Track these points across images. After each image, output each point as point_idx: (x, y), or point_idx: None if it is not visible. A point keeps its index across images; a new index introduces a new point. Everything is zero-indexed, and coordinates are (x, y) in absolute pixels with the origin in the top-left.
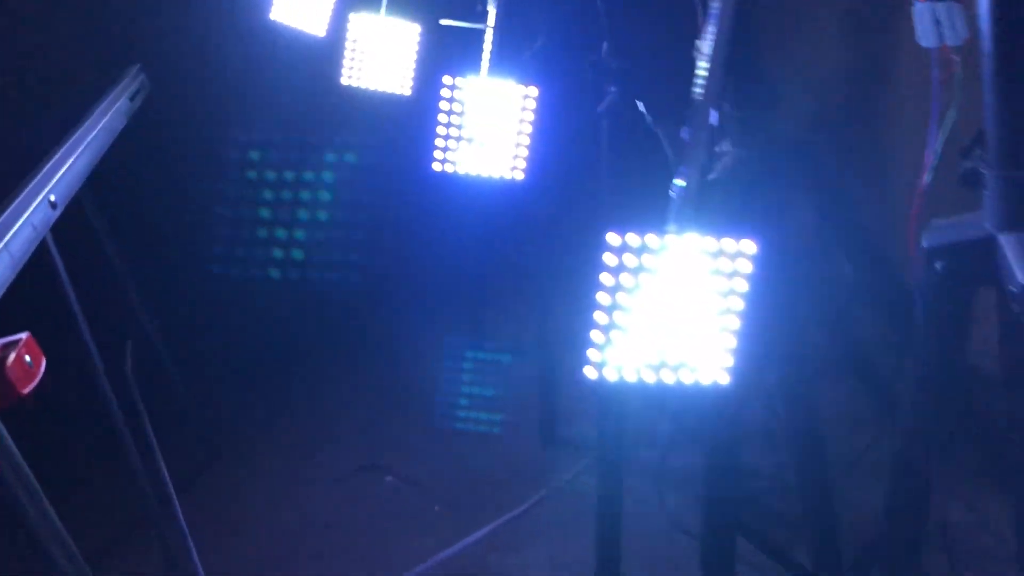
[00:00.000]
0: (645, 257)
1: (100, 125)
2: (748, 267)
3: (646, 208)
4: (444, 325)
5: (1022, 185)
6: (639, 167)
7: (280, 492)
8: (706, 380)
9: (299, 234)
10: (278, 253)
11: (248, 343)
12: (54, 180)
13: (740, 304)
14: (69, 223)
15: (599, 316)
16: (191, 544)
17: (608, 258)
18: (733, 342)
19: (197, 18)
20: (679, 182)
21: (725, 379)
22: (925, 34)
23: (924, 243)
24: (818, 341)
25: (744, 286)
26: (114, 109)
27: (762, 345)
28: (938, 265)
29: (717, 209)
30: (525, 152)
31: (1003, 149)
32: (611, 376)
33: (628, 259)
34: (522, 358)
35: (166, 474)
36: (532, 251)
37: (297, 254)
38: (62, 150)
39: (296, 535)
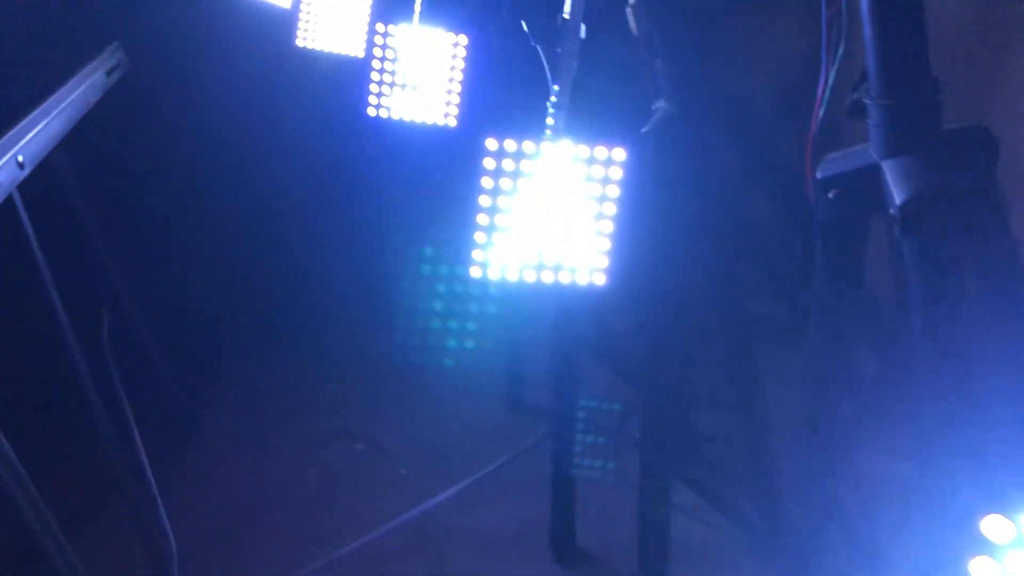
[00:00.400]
0: (523, 162)
1: (73, 96)
2: (619, 173)
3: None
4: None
5: (899, 113)
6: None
7: (253, 459)
8: (583, 281)
9: (272, 204)
10: (250, 223)
11: (224, 314)
12: (22, 142)
13: (613, 209)
14: (44, 194)
15: (481, 218)
16: (162, 511)
17: (487, 162)
18: (608, 245)
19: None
20: (553, 97)
21: (601, 280)
22: None
23: (818, 174)
24: (737, 271)
25: (616, 191)
26: (89, 82)
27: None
28: (831, 194)
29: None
30: (457, 99)
31: (881, 80)
32: (494, 275)
33: (506, 164)
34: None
35: (140, 445)
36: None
37: (269, 224)
38: (31, 115)
39: (268, 499)
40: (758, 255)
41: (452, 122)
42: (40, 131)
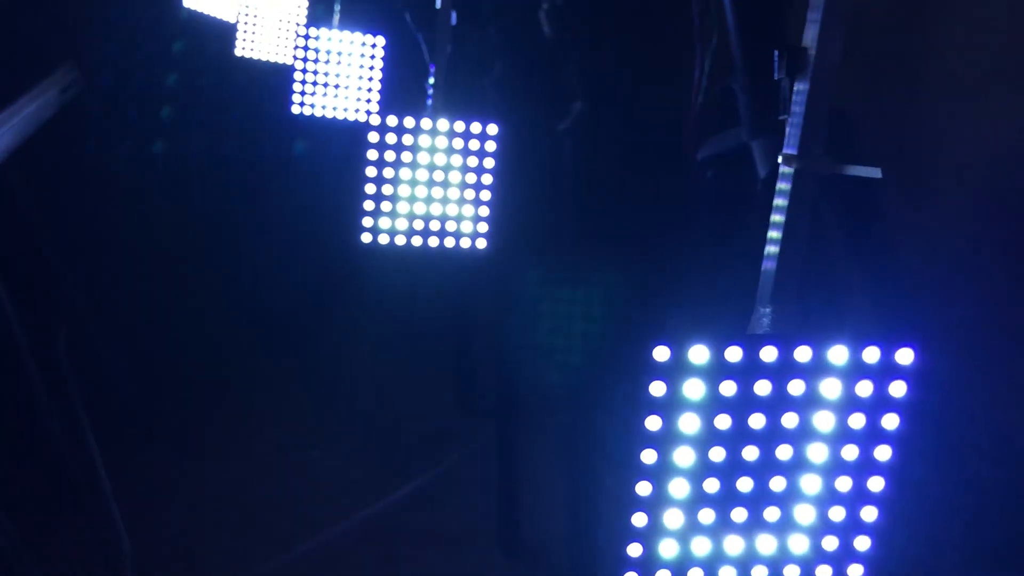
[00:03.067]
0: (405, 136)
1: (25, 112)
2: (493, 147)
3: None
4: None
5: (761, 95)
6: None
7: (207, 466)
8: (466, 245)
9: (219, 210)
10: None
11: (177, 325)
12: None
13: (490, 179)
14: None
15: (368, 187)
16: (117, 514)
17: (371, 136)
18: (487, 212)
19: (125, 12)
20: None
21: (482, 244)
22: None
23: (699, 156)
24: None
25: (492, 163)
26: (43, 99)
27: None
28: (709, 174)
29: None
30: (377, 96)
31: (745, 64)
32: (383, 240)
33: (389, 137)
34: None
35: (95, 449)
36: None
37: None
38: None
39: (223, 505)
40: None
41: (375, 119)
42: None
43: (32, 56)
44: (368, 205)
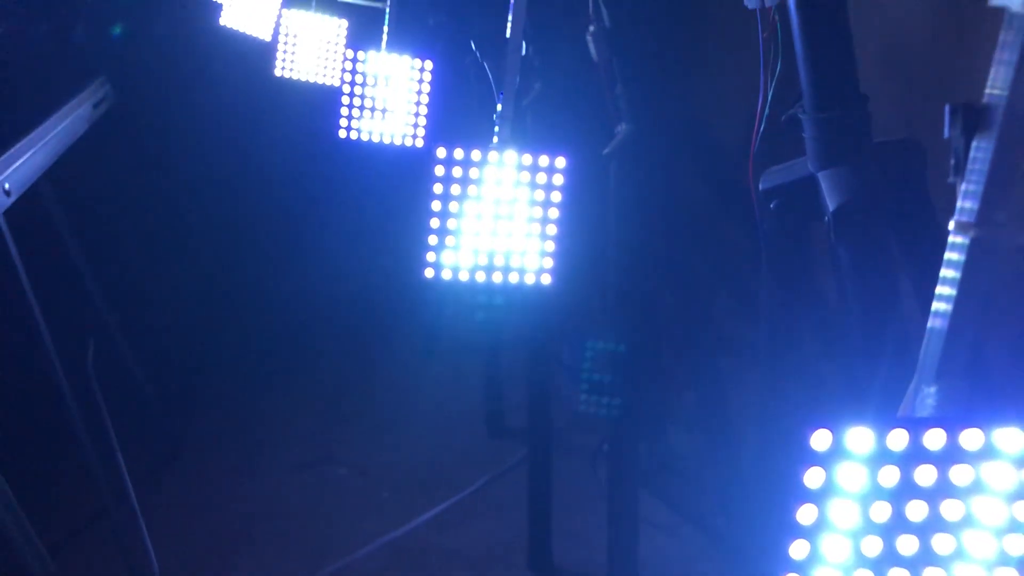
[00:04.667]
0: (471, 169)
1: (59, 128)
2: (560, 180)
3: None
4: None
5: (830, 125)
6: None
7: (236, 484)
8: (530, 281)
9: (255, 231)
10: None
11: (208, 340)
12: (9, 170)
13: (556, 213)
14: (31, 223)
15: (433, 221)
16: (145, 534)
17: (438, 169)
18: (552, 247)
19: (158, 27)
20: (499, 106)
21: (547, 280)
22: None
23: (760, 186)
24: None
25: (559, 197)
26: (75, 114)
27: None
28: (772, 204)
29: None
30: (423, 120)
31: (813, 94)
32: (446, 276)
33: (456, 171)
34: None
35: (124, 470)
36: None
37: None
38: (18, 144)
39: (250, 522)
40: (723, 271)
41: (419, 143)
42: (26, 160)
43: (64, 72)
44: (432, 240)
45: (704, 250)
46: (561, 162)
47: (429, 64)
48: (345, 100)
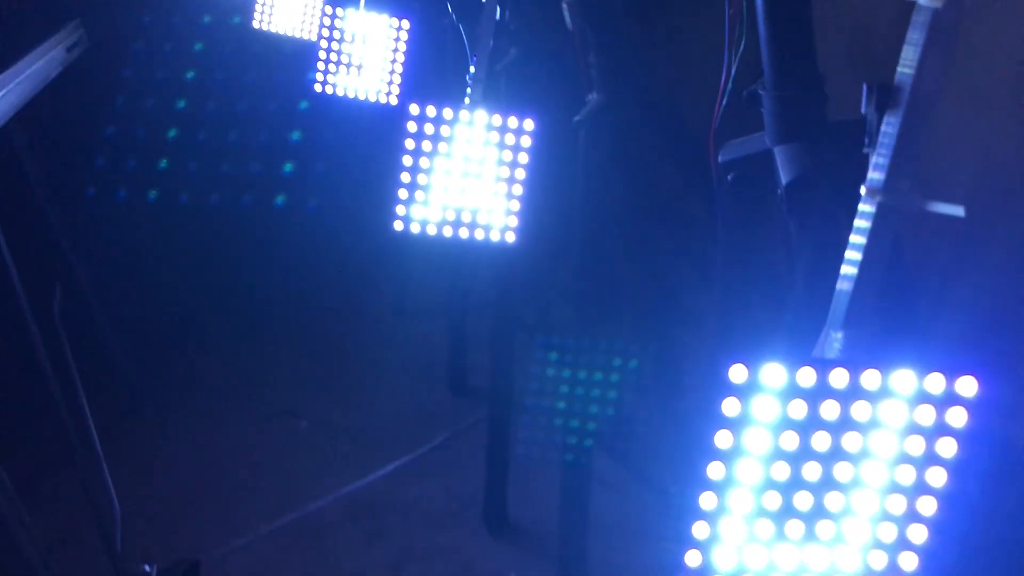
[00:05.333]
0: (442, 127)
1: (31, 70)
2: (528, 141)
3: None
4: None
5: (788, 103)
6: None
7: (198, 435)
8: (495, 238)
9: (226, 181)
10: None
11: (175, 293)
12: None
13: (523, 174)
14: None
15: (404, 176)
16: (108, 479)
17: (410, 125)
18: (518, 206)
19: None
20: (472, 68)
21: (511, 238)
22: None
23: (719, 158)
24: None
25: (525, 158)
26: (48, 56)
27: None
28: (730, 176)
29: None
30: (398, 79)
31: (773, 73)
32: (415, 229)
33: (427, 128)
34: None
35: (88, 413)
36: None
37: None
38: None
39: (212, 472)
40: (683, 242)
41: (393, 100)
42: None
43: (38, 15)
44: (402, 194)
45: (665, 221)
46: (529, 124)
47: (406, 23)
48: (322, 55)
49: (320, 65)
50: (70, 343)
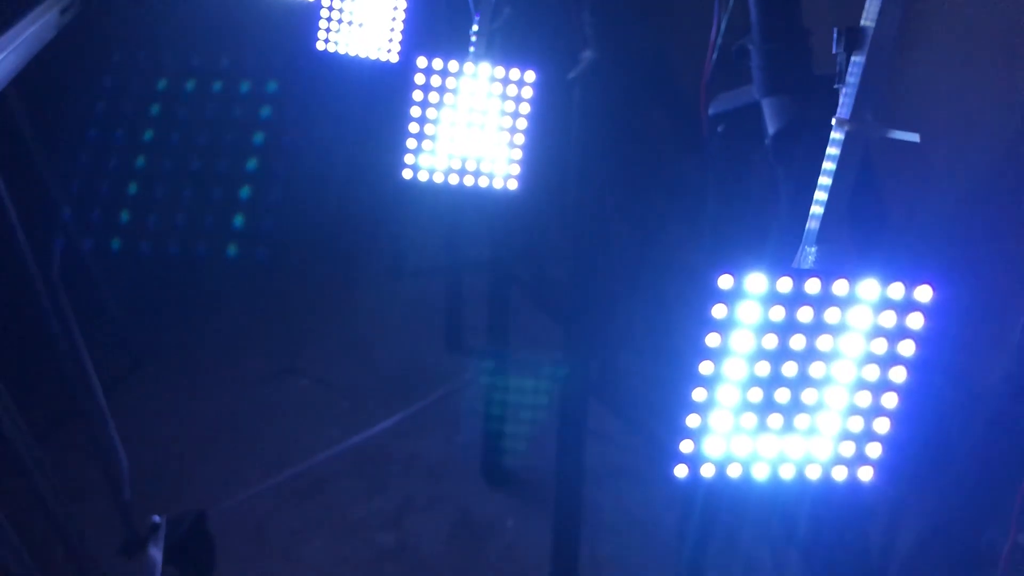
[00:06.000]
0: (448, 79)
1: (27, 33)
2: (530, 92)
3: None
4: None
5: (776, 55)
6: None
7: (200, 393)
8: (498, 186)
9: (222, 143)
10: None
11: (173, 253)
12: None
13: (524, 124)
14: None
15: (412, 126)
16: (114, 432)
17: (418, 78)
18: (520, 155)
19: None
20: (475, 26)
21: (514, 186)
22: None
23: (710, 111)
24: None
25: (527, 108)
26: (43, 19)
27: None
28: (720, 128)
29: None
30: (399, 36)
31: (761, 25)
32: (422, 177)
33: (434, 80)
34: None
35: (93, 372)
36: None
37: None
38: None
39: (215, 428)
40: (675, 198)
41: (394, 57)
42: None
43: None
44: (411, 143)
45: (658, 177)
46: (531, 76)
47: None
48: (324, 13)
49: (322, 23)
50: (71, 303)
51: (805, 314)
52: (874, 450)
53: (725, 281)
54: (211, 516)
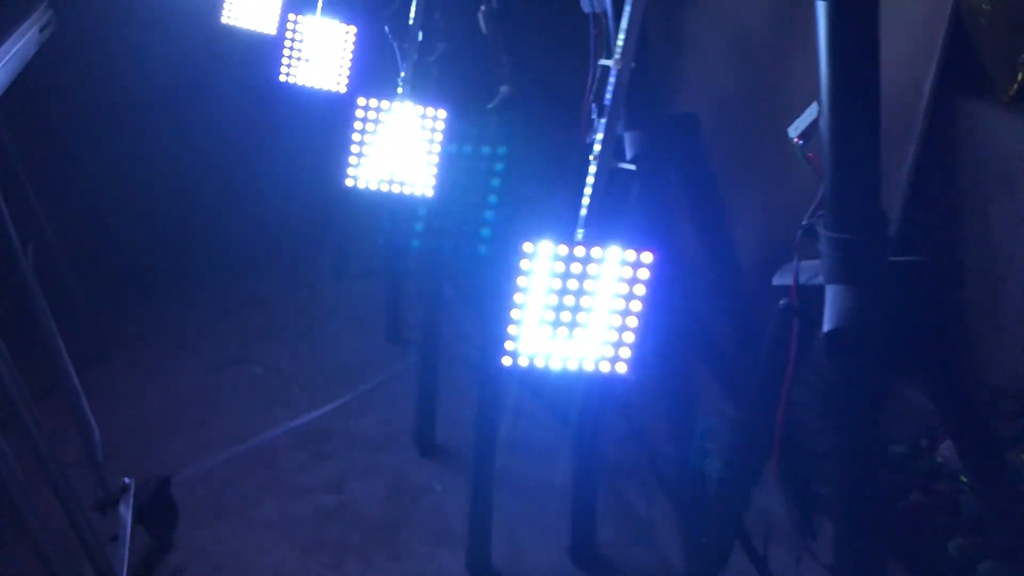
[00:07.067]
0: (381, 113)
1: (14, 50)
2: (441, 126)
3: None
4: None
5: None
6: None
7: (162, 380)
8: (417, 193)
9: (187, 155)
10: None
11: (137, 253)
12: None
13: (438, 148)
14: None
15: (353, 147)
16: (86, 404)
17: (358, 112)
18: (435, 171)
19: None
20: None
21: (430, 193)
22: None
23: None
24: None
25: (440, 137)
26: (25, 38)
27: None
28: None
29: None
30: (347, 72)
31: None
32: (360, 185)
33: (370, 114)
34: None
35: (65, 353)
36: None
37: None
38: None
39: (173, 411)
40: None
41: (343, 89)
42: None
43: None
44: (352, 159)
45: (561, 188)
46: (442, 113)
47: (353, 29)
48: (285, 52)
49: (284, 60)
50: (41, 292)
51: (576, 267)
52: (625, 352)
53: (528, 247)
54: (173, 484)
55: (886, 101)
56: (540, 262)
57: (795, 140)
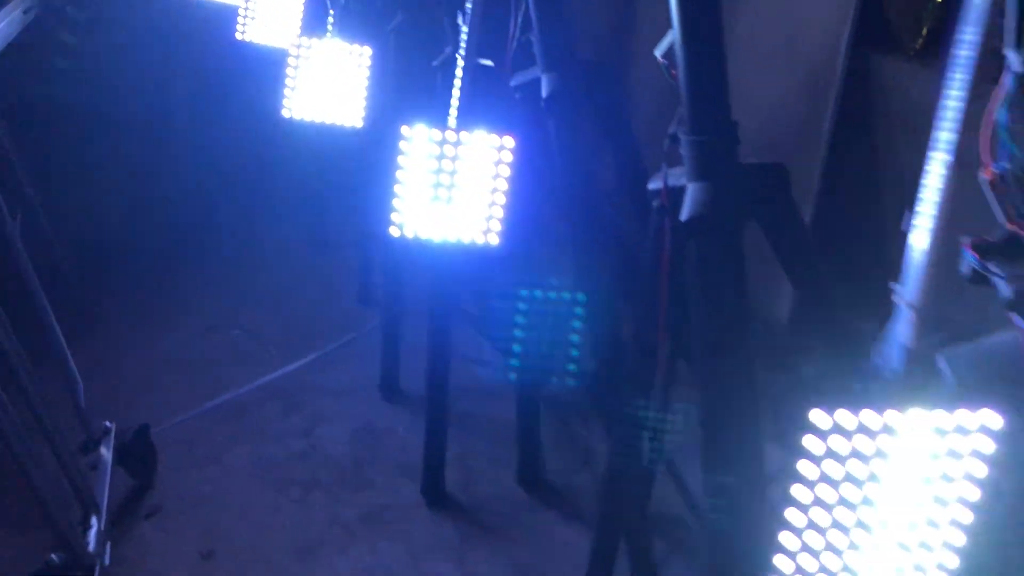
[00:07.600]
0: (311, 51)
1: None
2: (368, 63)
3: None
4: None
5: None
6: None
7: (146, 342)
8: (345, 123)
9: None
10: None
11: (122, 228)
12: None
13: (365, 83)
14: None
15: (289, 81)
16: (72, 363)
17: (292, 51)
18: (363, 102)
19: None
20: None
21: (359, 123)
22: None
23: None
24: None
25: (365, 74)
26: (10, 18)
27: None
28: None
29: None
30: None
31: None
32: (296, 115)
33: (303, 51)
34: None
35: (52, 315)
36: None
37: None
38: None
39: (156, 371)
40: None
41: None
42: None
43: None
44: (288, 92)
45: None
46: (368, 51)
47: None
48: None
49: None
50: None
51: (450, 150)
52: (495, 225)
53: (406, 130)
54: (153, 433)
55: (808, 59)
56: (418, 144)
57: (660, 59)
